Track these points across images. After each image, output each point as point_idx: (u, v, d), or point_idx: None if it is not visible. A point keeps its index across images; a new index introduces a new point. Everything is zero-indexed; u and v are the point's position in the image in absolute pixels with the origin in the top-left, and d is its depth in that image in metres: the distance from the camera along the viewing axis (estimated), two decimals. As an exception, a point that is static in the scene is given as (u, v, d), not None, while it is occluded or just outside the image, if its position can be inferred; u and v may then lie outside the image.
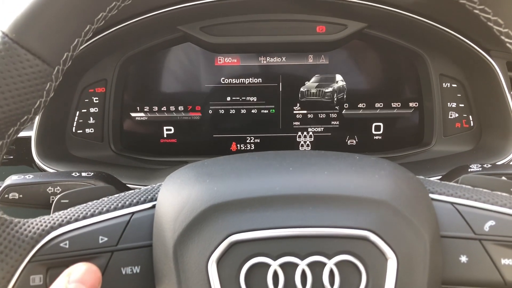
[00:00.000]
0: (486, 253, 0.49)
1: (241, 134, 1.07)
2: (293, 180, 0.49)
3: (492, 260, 0.49)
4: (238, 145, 1.08)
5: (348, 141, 1.09)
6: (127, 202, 0.52)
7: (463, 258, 0.50)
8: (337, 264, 0.46)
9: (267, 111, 1.06)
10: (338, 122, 1.08)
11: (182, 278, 0.46)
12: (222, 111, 1.06)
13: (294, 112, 1.07)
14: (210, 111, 1.06)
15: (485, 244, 0.49)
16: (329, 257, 0.46)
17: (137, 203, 0.52)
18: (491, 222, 0.50)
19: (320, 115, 1.07)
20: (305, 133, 1.08)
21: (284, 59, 1.04)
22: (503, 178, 0.70)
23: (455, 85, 1.03)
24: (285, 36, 0.99)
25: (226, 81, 1.05)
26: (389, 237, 0.46)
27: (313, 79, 1.05)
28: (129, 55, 1.01)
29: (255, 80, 1.05)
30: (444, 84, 1.02)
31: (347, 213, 0.47)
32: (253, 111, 1.06)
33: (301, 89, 1.06)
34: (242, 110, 1.06)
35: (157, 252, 0.48)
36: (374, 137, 1.08)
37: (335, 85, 1.05)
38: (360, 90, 1.07)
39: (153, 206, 0.51)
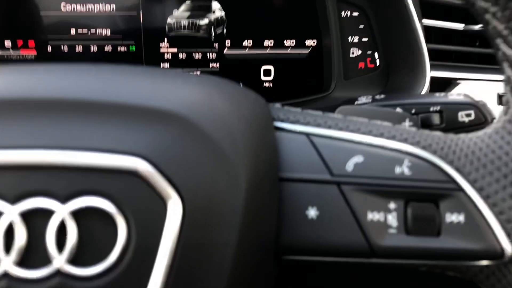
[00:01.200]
0: (346, 203, 0.34)
1: (92, 79, 0.84)
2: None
3: (354, 213, 0.34)
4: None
5: (231, 88, 0.88)
6: None
7: (312, 212, 0.34)
8: (76, 214, 0.29)
9: (125, 49, 0.86)
10: (218, 64, 0.89)
11: None
12: (65, 48, 0.85)
13: (161, 50, 0.87)
14: (49, 48, 0.85)
15: (345, 190, 0.34)
16: (62, 201, 0.29)
17: None
18: (357, 158, 0.35)
19: (195, 55, 0.88)
20: (176, 78, 0.86)
21: (143, -21, 0.82)
22: (398, 109, 0.50)
23: (356, 14, 0.87)
24: None
25: (68, 7, 0.83)
26: (173, 169, 0.30)
27: (182, 8, 0.86)
28: None
29: (107, 8, 0.84)
30: (343, 12, 0.87)
31: (99, 128, 0.30)
32: (106, 48, 0.86)
33: (169, 20, 0.86)
34: (92, 47, 0.86)
35: None
36: (264, 83, 0.91)
37: (212, 16, 0.86)
38: (244, 23, 0.88)
39: None
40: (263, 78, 0.89)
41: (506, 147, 0.34)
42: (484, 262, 0.34)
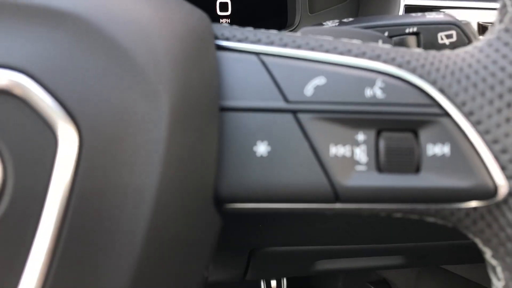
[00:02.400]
0: (303, 135, 0.28)
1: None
2: None
3: (314, 148, 0.28)
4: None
5: (184, 25, 0.79)
6: None
7: (261, 148, 0.28)
8: None
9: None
10: (167, -3, 0.77)
11: None
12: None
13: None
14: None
15: (302, 120, 0.28)
16: None
17: None
18: (318, 80, 0.28)
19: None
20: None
21: None
22: (369, 30, 0.43)
23: None
24: None
25: None
26: (64, 86, 0.23)
27: None
28: None
29: None
30: None
31: None
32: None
33: None
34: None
35: None
36: (220, 19, 0.81)
37: None
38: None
39: None
40: (219, 13, 0.80)
41: (502, 62, 0.27)
42: (473, 204, 0.28)
